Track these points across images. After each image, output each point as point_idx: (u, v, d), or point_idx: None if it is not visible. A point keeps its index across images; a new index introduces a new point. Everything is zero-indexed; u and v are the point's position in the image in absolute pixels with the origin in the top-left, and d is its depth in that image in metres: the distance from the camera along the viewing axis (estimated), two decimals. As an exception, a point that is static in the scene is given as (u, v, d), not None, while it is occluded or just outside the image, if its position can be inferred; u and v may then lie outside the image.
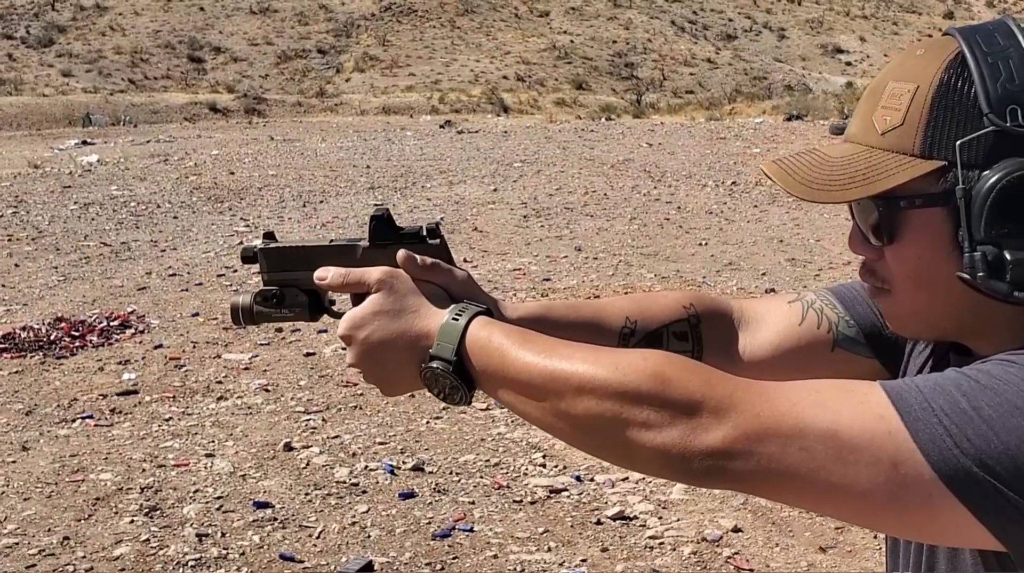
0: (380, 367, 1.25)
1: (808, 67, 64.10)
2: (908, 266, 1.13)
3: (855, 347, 1.39)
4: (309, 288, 1.33)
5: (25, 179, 18.44)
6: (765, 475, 0.98)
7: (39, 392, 6.71)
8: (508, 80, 56.12)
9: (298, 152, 22.90)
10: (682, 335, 1.43)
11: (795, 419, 0.97)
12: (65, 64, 53.50)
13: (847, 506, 0.98)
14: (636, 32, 65.22)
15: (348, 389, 6.66)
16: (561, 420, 1.08)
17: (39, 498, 5.10)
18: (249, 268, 9.98)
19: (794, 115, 31.93)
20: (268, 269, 1.37)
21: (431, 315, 1.21)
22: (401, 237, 1.30)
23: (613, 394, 1.03)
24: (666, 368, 1.03)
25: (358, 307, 1.24)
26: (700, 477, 1.01)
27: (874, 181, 1.09)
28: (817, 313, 1.41)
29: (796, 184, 1.13)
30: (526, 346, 1.12)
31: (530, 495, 5.07)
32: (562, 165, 19.21)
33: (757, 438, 0.97)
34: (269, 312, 1.36)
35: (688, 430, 0.99)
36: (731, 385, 1.01)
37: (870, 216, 1.14)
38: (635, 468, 1.08)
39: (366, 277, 1.25)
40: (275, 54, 58.55)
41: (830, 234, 11.92)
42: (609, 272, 10.03)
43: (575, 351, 1.10)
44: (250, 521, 4.80)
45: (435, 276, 1.26)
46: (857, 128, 1.16)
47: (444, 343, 1.17)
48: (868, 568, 4.36)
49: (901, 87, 1.10)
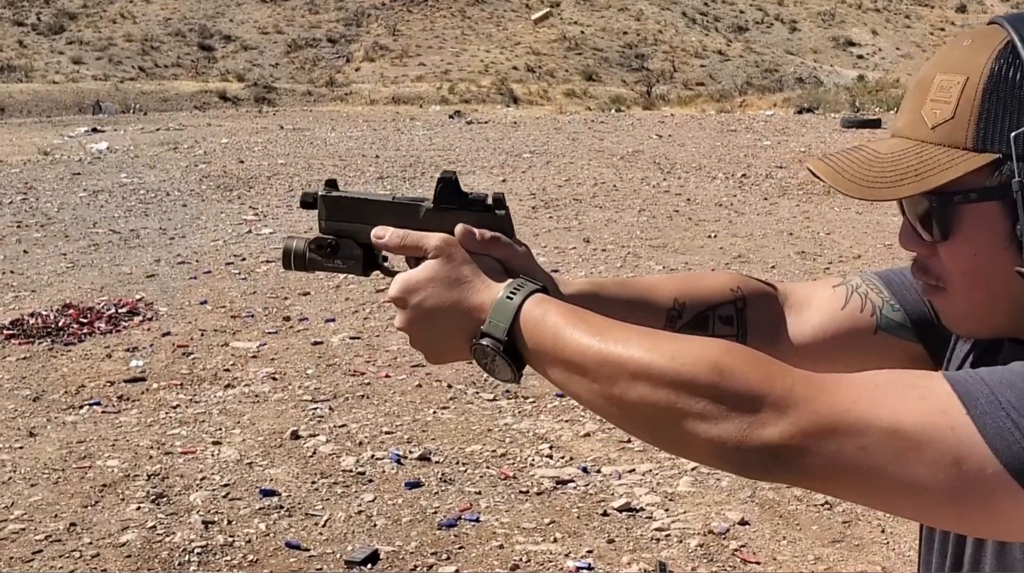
0: (428, 334, 1.21)
1: (819, 60, 63.94)
2: (963, 263, 1.10)
3: (899, 331, 1.36)
4: (365, 242, 1.29)
5: (35, 166, 18.46)
6: (824, 472, 0.96)
7: (47, 378, 6.71)
8: (518, 71, 56.05)
9: (308, 141, 22.90)
10: (728, 319, 1.40)
11: (855, 415, 0.94)
12: (75, 51, 53.53)
13: (908, 503, 0.96)
14: (647, 23, 65.10)
15: (355, 378, 6.66)
16: (612, 404, 1.05)
17: (46, 484, 5.10)
18: (257, 257, 9.98)
19: (805, 108, 31.90)
20: (326, 217, 1.32)
21: (485, 288, 1.18)
22: (467, 202, 1.26)
23: (669, 383, 1.00)
24: (725, 359, 1.00)
25: (413, 271, 1.21)
26: (756, 471, 0.98)
27: (926, 177, 1.06)
28: (861, 297, 1.38)
29: (846, 182, 1.10)
30: (580, 326, 1.09)
31: (536, 486, 5.06)
32: (571, 156, 19.18)
33: (816, 435, 0.95)
34: (322, 261, 1.32)
35: (745, 424, 0.96)
36: (791, 379, 0.98)
37: (922, 212, 1.11)
38: (687, 457, 1.05)
39: (424, 242, 1.22)
40: (285, 43, 58.52)
41: (840, 227, 11.89)
42: (617, 264, 10.02)
43: (632, 335, 1.07)
44: (256, 509, 4.80)
45: (495, 249, 1.23)
46: (905, 123, 1.12)
47: (496, 321, 1.14)
48: (875, 562, 4.34)
49: (950, 79, 1.07)
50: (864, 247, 10.73)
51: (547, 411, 6.02)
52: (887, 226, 11.71)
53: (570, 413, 5.98)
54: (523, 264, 1.25)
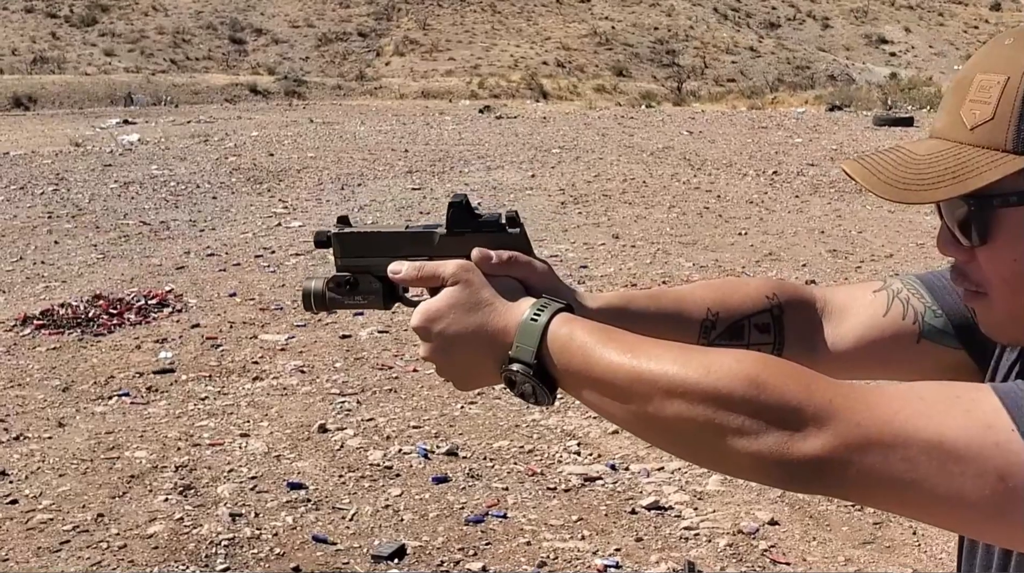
0: (454, 361, 1.19)
1: (852, 57, 63.53)
2: (1004, 268, 1.07)
3: (942, 338, 1.32)
4: (383, 275, 1.28)
5: (66, 157, 18.57)
6: (866, 485, 0.93)
7: (76, 369, 6.73)
8: (548, 66, 55.94)
9: (337, 135, 22.95)
10: (764, 327, 1.37)
11: (898, 428, 0.92)
12: (107, 43, 53.76)
13: (952, 516, 0.94)
14: (678, 19, 64.86)
15: (383, 372, 6.65)
16: (648, 423, 1.03)
17: (74, 474, 5.11)
18: (286, 250, 10.01)
19: (837, 105, 31.72)
20: (342, 254, 1.31)
21: (507, 310, 1.15)
22: (480, 224, 1.24)
23: (705, 399, 0.97)
24: (761, 372, 0.97)
25: (433, 299, 1.19)
26: (798, 485, 0.96)
27: (964, 179, 1.03)
28: (903, 303, 1.35)
29: (881, 184, 1.07)
30: (610, 345, 1.07)
31: (564, 483, 5.03)
32: (601, 152, 19.13)
33: (858, 448, 0.92)
34: (341, 299, 1.31)
35: (785, 438, 0.94)
36: (830, 391, 0.96)
37: (960, 216, 1.08)
38: (726, 472, 1.03)
39: (440, 271, 1.20)
40: (316, 37, 58.59)
41: (872, 226, 11.80)
42: (647, 260, 9.97)
43: (663, 351, 1.04)
44: (283, 502, 4.79)
45: (514, 270, 1.21)
46: (944, 123, 1.09)
47: (523, 345, 1.12)
48: (906, 564, 4.29)
49: (990, 79, 1.04)
50: (896, 246, 10.64)
51: (575, 408, 5.99)
52: (920, 225, 11.62)
53: (598, 410, 5.94)
54: (544, 282, 1.23)
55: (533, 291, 1.20)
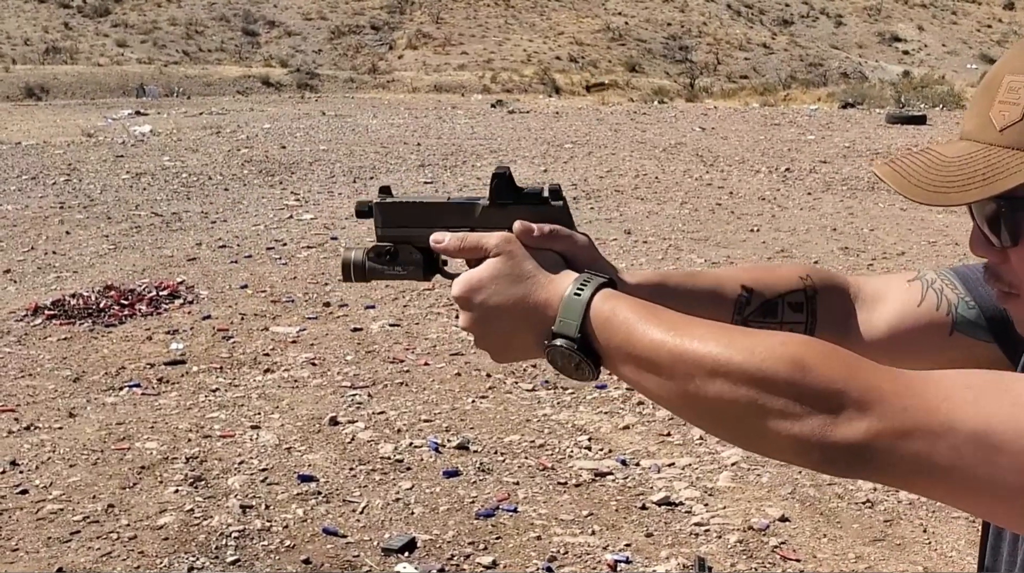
0: (494, 332, 1.19)
1: (865, 55, 63.41)
2: None
3: (974, 331, 1.32)
4: (424, 246, 1.28)
5: (78, 148, 18.60)
6: (909, 471, 0.92)
7: (87, 359, 6.74)
8: (561, 61, 55.93)
9: (349, 128, 22.95)
10: (797, 306, 1.37)
11: (944, 416, 0.91)
12: (120, 34, 53.88)
13: (994, 507, 0.93)
14: (691, 15, 64.79)
15: (394, 365, 6.65)
16: (688, 402, 1.02)
17: (85, 465, 5.12)
18: (297, 242, 10.03)
19: (849, 103, 31.64)
20: (383, 224, 1.30)
21: (550, 283, 1.16)
22: (522, 196, 1.24)
23: (748, 380, 0.97)
24: (806, 354, 0.96)
25: (475, 269, 1.19)
26: (839, 468, 0.95)
27: (994, 181, 1.02)
28: (937, 293, 1.35)
29: (911, 187, 1.07)
30: (653, 322, 1.07)
31: (575, 477, 5.03)
32: (613, 147, 19.12)
33: (903, 434, 0.91)
34: (382, 269, 1.30)
35: (828, 421, 0.93)
36: (877, 375, 0.95)
37: (991, 217, 1.07)
38: (765, 454, 1.02)
39: (483, 242, 1.20)
40: (329, 29, 58.65)
41: (884, 223, 11.76)
42: (659, 256, 9.96)
43: (707, 330, 1.04)
44: (294, 494, 4.79)
45: (555, 243, 1.21)
46: (973, 125, 1.08)
47: (567, 320, 1.11)
48: (917, 562, 4.28)
49: (1019, 80, 1.03)
50: (908, 244, 10.61)
51: (586, 402, 5.99)
52: (931, 223, 11.59)
53: (609, 405, 5.94)
54: (585, 255, 1.23)
55: (574, 265, 1.20)
